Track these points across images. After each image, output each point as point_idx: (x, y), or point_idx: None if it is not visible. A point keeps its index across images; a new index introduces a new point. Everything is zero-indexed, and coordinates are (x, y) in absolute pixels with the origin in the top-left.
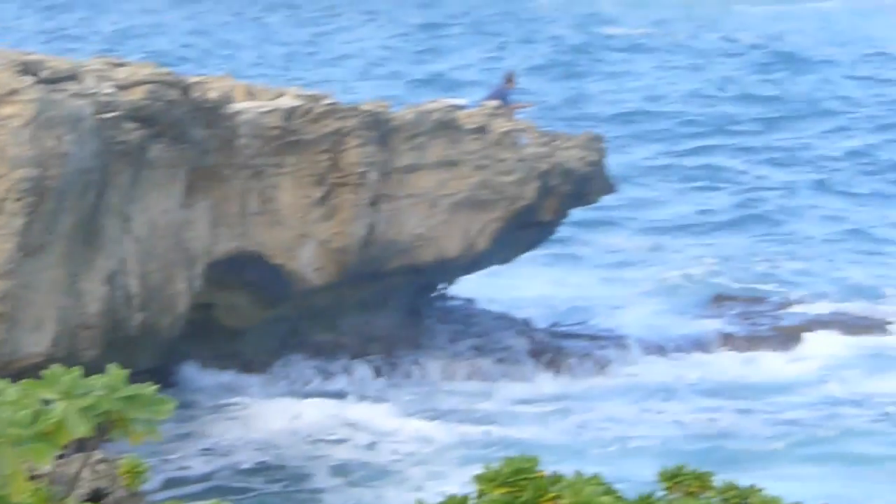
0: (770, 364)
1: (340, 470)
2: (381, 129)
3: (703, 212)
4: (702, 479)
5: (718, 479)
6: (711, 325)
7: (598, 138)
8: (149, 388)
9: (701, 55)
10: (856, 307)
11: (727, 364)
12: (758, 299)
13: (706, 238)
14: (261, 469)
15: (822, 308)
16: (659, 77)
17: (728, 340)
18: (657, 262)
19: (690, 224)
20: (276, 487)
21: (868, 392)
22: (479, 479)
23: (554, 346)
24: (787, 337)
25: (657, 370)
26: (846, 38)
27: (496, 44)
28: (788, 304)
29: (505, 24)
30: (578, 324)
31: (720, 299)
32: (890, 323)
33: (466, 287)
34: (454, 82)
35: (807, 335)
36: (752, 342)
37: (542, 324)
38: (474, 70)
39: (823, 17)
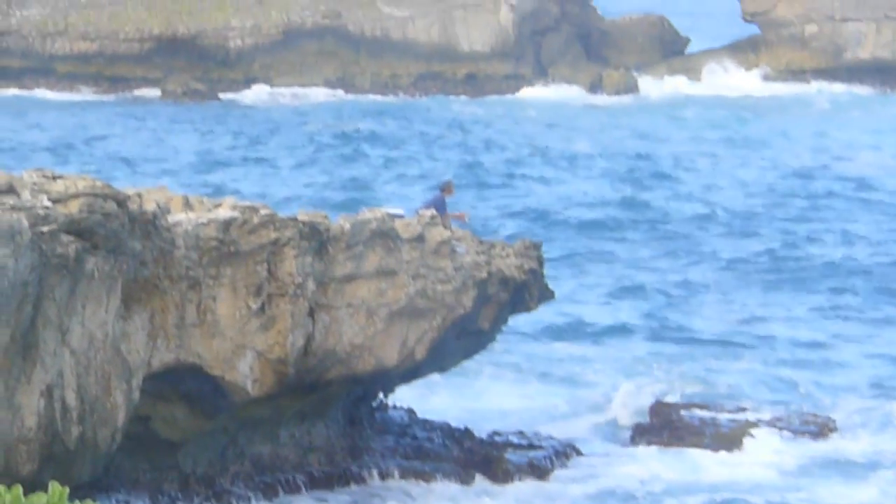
0: (709, 468)
1: None
2: (318, 239)
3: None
4: None
5: None
6: (650, 431)
7: (535, 246)
8: None
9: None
10: (796, 412)
11: (667, 469)
12: (698, 405)
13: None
14: None
15: (762, 413)
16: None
17: (667, 445)
18: (596, 369)
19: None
20: None
21: (807, 498)
22: None
23: (492, 455)
24: (728, 441)
25: (594, 474)
26: None
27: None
28: (729, 408)
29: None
30: (518, 432)
31: (660, 406)
32: (832, 430)
33: (405, 395)
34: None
35: (747, 439)
36: (691, 445)
37: (480, 433)
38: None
39: None
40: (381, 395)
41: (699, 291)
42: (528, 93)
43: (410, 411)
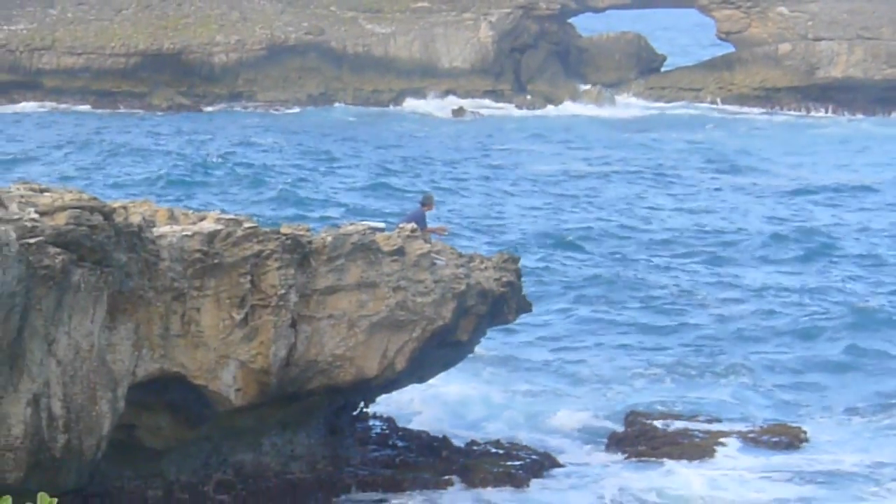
0: (683, 478)
1: None
2: (300, 250)
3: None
4: None
5: None
6: (625, 440)
7: (513, 259)
8: None
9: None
10: (768, 423)
11: (641, 479)
12: (673, 415)
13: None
14: None
15: (735, 424)
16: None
17: (641, 455)
18: (573, 377)
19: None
20: None
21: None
22: None
23: (469, 463)
24: (702, 451)
25: (570, 484)
26: None
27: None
28: (702, 419)
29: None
30: (495, 441)
31: (635, 415)
32: (803, 441)
33: (386, 405)
34: None
35: (720, 449)
36: (665, 456)
37: (459, 442)
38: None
39: None
40: (361, 405)
41: (679, 297)
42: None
43: (390, 420)
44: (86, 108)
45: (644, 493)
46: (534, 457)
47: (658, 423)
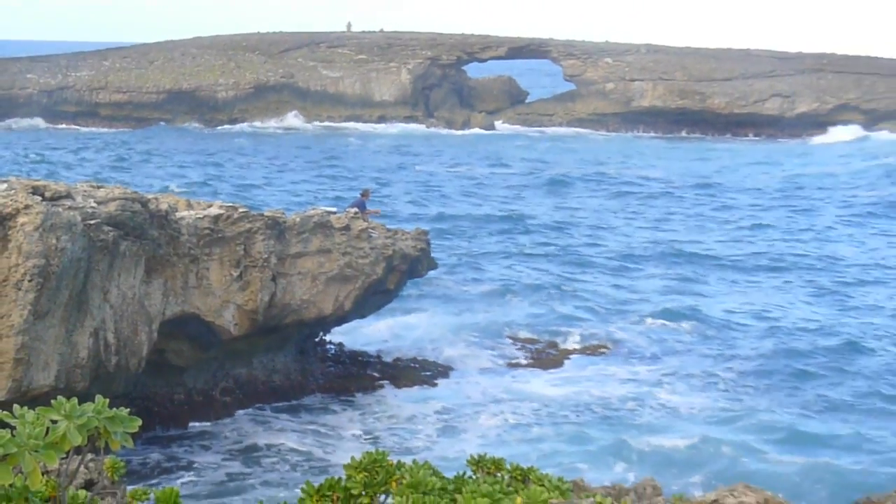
0: (530, 380)
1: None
2: (278, 228)
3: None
4: (497, 463)
5: (508, 463)
6: (503, 355)
7: (424, 232)
8: (123, 411)
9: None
10: (600, 338)
11: (503, 381)
12: (539, 335)
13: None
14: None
15: (579, 342)
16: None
17: (512, 365)
18: (472, 309)
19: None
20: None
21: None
22: (346, 467)
23: (394, 373)
24: (553, 362)
25: (457, 385)
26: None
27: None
28: (558, 338)
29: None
30: (411, 357)
31: (514, 335)
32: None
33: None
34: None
35: (566, 361)
36: (523, 366)
37: (388, 357)
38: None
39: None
40: (321, 334)
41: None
42: (415, 128)
43: (340, 344)
44: (128, 129)
45: (498, 391)
46: (438, 367)
47: (527, 342)
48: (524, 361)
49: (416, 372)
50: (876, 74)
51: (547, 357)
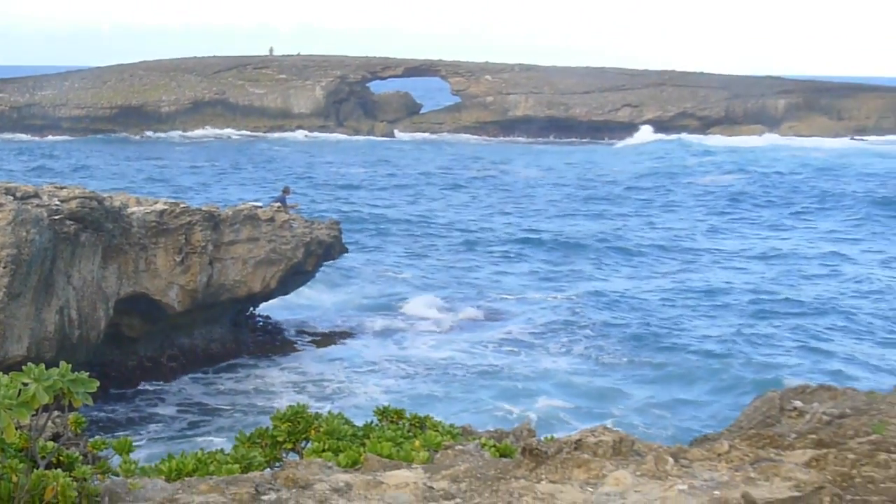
0: (414, 342)
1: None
2: (213, 220)
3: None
4: (399, 413)
5: (408, 413)
6: (398, 326)
7: (336, 222)
8: (84, 374)
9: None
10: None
11: (389, 343)
12: (422, 312)
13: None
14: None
15: (465, 313)
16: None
17: (406, 333)
18: (375, 287)
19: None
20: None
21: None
22: (272, 418)
23: (311, 338)
24: (438, 330)
25: (349, 348)
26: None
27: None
28: (442, 313)
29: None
30: (316, 329)
31: (396, 306)
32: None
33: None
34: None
35: (450, 329)
36: (419, 333)
37: (306, 326)
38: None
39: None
40: (251, 309)
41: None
42: (333, 136)
43: (267, 317)
44: (87, 137)
45: (393, 353)
46: (345, 334)
47: (415, 314)
48: (414, 329)
49: (328, 337)
50: (708, 88)
51: (434, 325)
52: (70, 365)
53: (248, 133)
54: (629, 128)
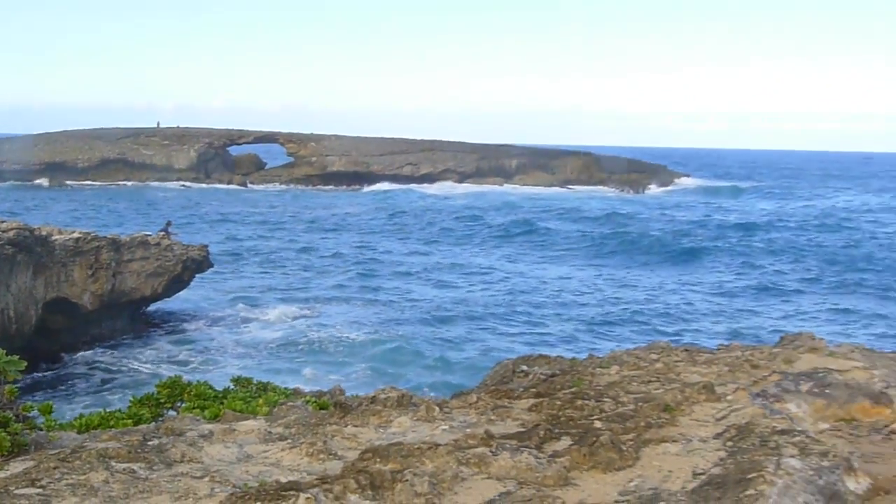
0: (267, 330)
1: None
2: (116, 244)
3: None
4: (248, 380)
5: (255, 380)
6: (248, 316)
7: (205, 246)
8: (15, 357)
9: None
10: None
11: (255, 330)
12: (261, 306)
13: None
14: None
15: (296, 307)
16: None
17: (253, 321)
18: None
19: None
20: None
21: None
22: (157, 386)
23: (185, 327)
24: (278, 320)
25: (224, 335)
26: None
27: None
28: (281, 307)
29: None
30: (197, 317)
31: (251, 304)
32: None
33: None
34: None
35: (287, 319)
36: (262, 321)
37: (182, 318)
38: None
39: None
40: (145, 308)
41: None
42: (200, 186)
43: (156, 311)
44: (25, 185)
45: (238, 338)
46: (212, 322)
47: (257, 307)
48: (260, 320)
49: (199, 326)
50: (463, 152)
51: (273, 318)
52: (5, 350)
53: (139, 183)
54: (410, 178)
